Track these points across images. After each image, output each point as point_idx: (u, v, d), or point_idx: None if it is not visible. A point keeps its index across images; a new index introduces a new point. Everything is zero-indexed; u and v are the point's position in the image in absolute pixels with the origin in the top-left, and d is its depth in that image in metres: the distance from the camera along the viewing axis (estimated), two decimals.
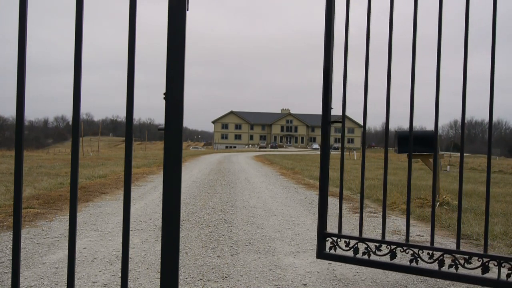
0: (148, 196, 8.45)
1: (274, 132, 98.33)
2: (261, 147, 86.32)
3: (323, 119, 3.17)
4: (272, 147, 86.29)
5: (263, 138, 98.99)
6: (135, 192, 8.80)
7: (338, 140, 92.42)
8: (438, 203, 7.20)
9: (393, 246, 3.05)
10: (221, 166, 19.57)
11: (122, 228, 2.00)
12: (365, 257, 3.09)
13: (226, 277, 3.55)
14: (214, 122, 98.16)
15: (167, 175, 2.03)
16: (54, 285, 3.26)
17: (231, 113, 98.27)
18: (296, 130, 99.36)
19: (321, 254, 3.24)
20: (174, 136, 2.02)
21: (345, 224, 6.01)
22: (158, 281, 3.32)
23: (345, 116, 3.17)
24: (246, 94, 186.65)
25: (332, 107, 3.17)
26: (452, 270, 2.83)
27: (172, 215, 2.02)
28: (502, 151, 62.83)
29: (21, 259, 2.49)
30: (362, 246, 3.16)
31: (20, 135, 1.89)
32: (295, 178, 13.45)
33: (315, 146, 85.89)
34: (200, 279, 3.47)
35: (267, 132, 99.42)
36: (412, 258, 2.95)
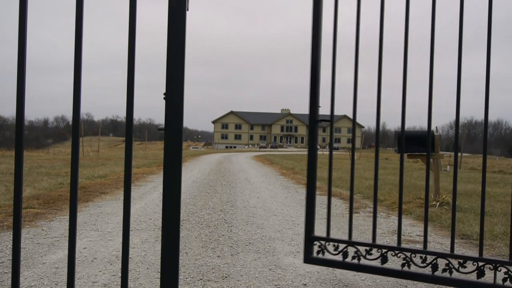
0: (148, 196, 8.45)
1: (274, 132, 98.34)
2: (261, 147, 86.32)
3: (310, 118, 3.06)
4: (272, 147, 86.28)
5: (263, 138, 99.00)
6: (135, 192, 8.80)
7: (338, 140, 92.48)
8: (438, 203, 7.20)
9: (384, 250, 2.94)
10: (221, 166, 19.57)
11: (122, 228, 2.00)
12: (354, 261, 2.98)
13: (226, 277, 3.55)
14: (214, 122, 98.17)
15: (167, 175, 2.03)
16: (54, 285, 3.26)
17: (231, 113, 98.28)
18: (296, 130, 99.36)
19: (308, 258, 3.10)
20: (174, 136, 2.02)
21: (345, 224, 6.01)
22: (158, 281, 3.32)
23: (333, 116, 3.08)
24: (246, 94, 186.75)
25: (319, 106, 3.06)
26: (446, 274, 2.74)
27: (172, 215, 2.02)
28: (502, 151, 62.85)
29: (21, 259, 2.49)
30: (351, 250, 3.04)
31: (20, 135, 1.89)
32: (295, 178, 13.45)
33: None
34: (200, 279, 3.47)
35: (267, 132, 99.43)
36: (404, 262, 2.85)
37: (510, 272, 2.62)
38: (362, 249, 3.06)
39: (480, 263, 2.71)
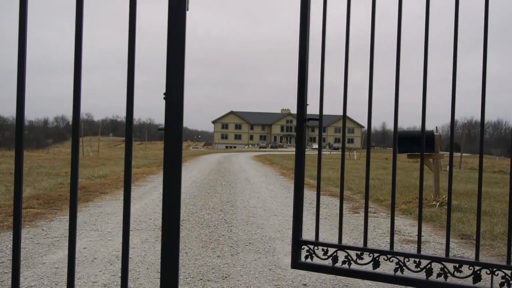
0: (148, 196, 8.45)
1: (274, 132, 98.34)
2: (261, 147, 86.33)
3: (298, 116, 2.93)
4: (272, 147, 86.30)
5: (263, 138, 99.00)
6: (135, 192, 8.80)
7: (338, 140, 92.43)
8: (438, 203, 7.20)
9: (376, 254, 2.84)
10: (221, 166, 19.57)
11: (122, 228, 2.00)
12: (345, 266, 2.85)
13: (226, 277, 3.55)
14: (214, 122, 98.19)
15: (167, 175, 2.03)
16: (54, 285, 3.26)
17: (231, 113, 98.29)
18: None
19: (295, 264, 2.96)
20: (174, 136, 2.02)
21: (345, 224, 6.01)
22: (158, 281, 3.32)
23: (322, 114, 3.00)
24: (246, 94, 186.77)
25: (308, 104, 2.96)
26: (441, 279, 2.66)
27: (172, 215, 2.02)
28: (502, 151, 62.81)
29: (21, 259, 2.49)
30: (342, 255, 2.90)
31: (20, 135, 1.89)
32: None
33: (315, 146, 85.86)
34: (200, 279, 3.47)
35: (267, 132, 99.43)
36: (397, 267, 2.75)
37: (507, 276, 2.54)
38: (353, 253, 2.94)
39: (477, 267, 2.63)
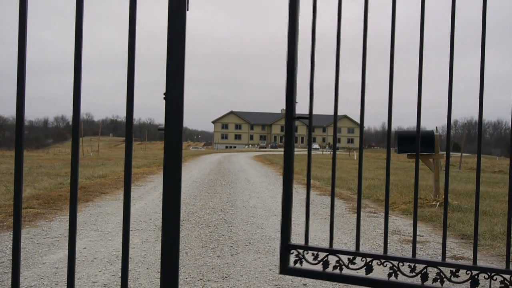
0: (148, 196, 8.45)
1: (274, 132, 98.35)
2: (261, 147, 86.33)
3: (287, 114, 2.84)
4: (272, 147, 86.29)
5: (263, 138, 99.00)
6: (135, 192, 8.79)
7: (338, 140, 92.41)
8: (438, 203, 7.21)
9: (368, 259, 2.75)
10: (221, 166, 19.57)
11: (122, 228, 2.00)
12: (336, 271, 2.75)
13: (226, 277, 3.55)
14: (214, 122, 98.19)
15: (167, 175, 2.02)
16: (54, 285, 3.26)
17: (231, 113, 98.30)
18: (296, 130, 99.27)
19: (284, 269, 2.86)
20: (174, 136, 2.02)
21: (345, 224, 6.02)
22: (158, 281, 3.32)
23: (312, 113, 2.89)
24: (246, 94, 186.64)
25: (296, 101, 2.85)
26: (437, 284, 2.59)
27: (172, 215, 2.02)
28: (502, 151, 62.78)
29: (21, 259, 2.49)
30: (333, 259, 2.80)
31: (20, 135, 1.89)
32: (295, 178, 13.43)
33: (315, 146, 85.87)
34: (200, 279, 3.47)
35: (267, 132, 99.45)
36: (391, 271, 2.66)
37: (506, 281, 2.51)
38: (345, 258, 2.84)
39: (474, 272, 2.56)
